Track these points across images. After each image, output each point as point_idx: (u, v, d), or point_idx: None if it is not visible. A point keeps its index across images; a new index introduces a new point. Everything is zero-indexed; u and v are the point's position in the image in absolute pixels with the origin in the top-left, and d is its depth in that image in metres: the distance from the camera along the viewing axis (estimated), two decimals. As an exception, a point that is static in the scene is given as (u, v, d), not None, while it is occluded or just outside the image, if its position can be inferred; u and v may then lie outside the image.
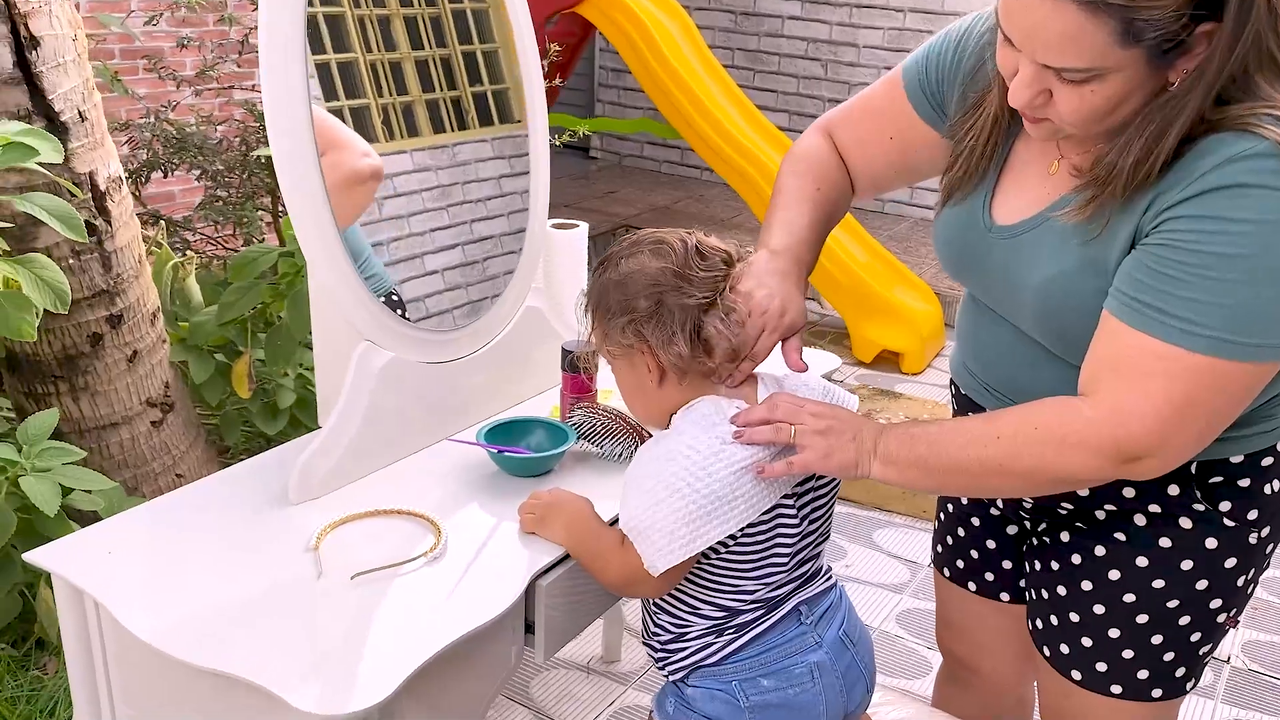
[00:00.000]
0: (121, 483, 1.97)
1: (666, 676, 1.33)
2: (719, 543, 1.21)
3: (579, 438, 1.55)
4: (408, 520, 1.39)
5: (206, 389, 2.28)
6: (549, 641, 1.34)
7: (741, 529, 1.22)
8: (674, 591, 1.29)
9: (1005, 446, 1.15)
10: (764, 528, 1.25)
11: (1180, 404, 1.07)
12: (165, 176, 3.09)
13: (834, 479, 1.35)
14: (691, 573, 1.26)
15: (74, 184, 1.85)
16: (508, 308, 1.70)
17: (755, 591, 1.26)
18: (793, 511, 1.27)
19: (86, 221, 1.91)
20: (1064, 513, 1.33)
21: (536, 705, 2.21)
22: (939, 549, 1.57)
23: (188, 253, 2.81)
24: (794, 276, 1.34)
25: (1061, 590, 1.33)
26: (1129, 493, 1.25)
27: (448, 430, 1.59)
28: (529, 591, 1.31)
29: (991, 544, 1.48)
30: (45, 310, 1.91)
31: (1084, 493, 1.29)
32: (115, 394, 2.04)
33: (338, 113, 1.50)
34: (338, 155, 1.64)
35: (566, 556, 1.32)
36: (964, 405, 1.44)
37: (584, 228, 1.98)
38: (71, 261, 1.91)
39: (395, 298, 1.84)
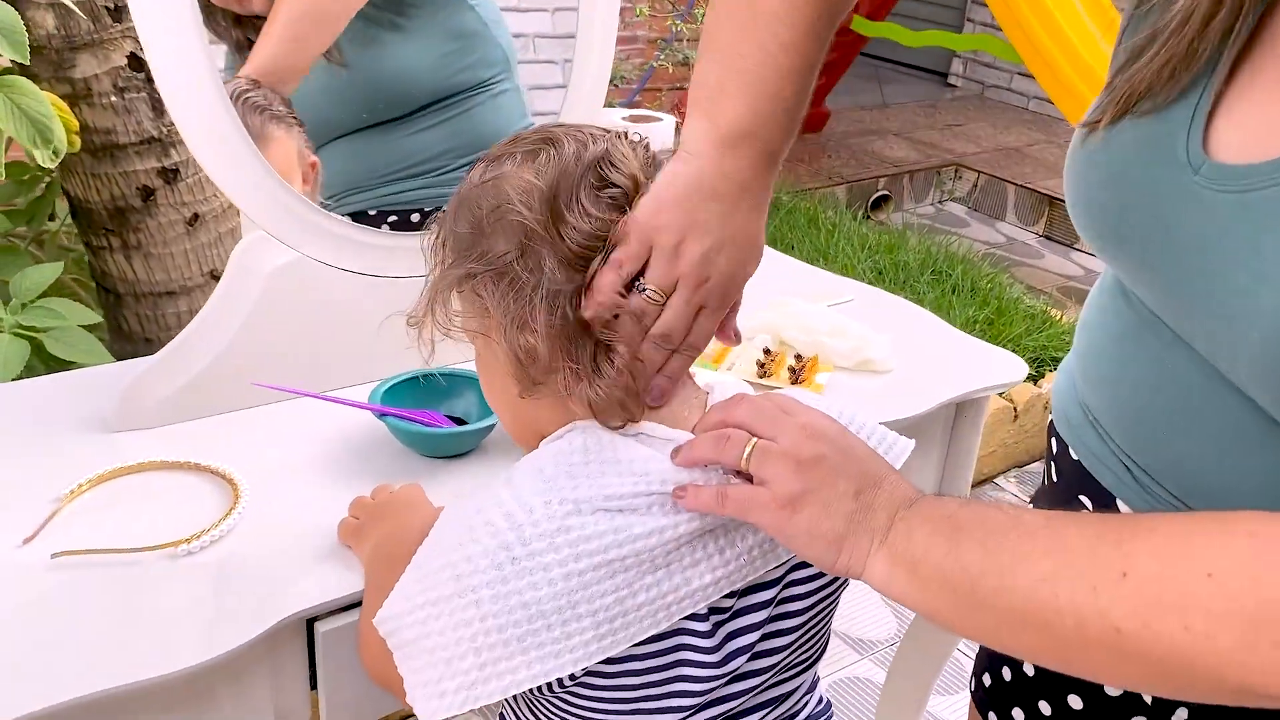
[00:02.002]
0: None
1: None
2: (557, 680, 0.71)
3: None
4: (216, 487, 0.99)
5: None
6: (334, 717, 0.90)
7: (588, 669, 0.70)
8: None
9: (1136, 600, 0.56)
10: (645, 664, 0.72)
11: None
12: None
13: (821, 575, 0.78)
14: (531, 703, 0.77)
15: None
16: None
17: None
18: (706, 642, 0.73)
19: (132, 54, 1.65)
20: None
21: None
22: (985, 681, 0.93)
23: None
24: (755, 191, 0.77)
25: None
26: None
27: (359, 374, 1.15)
28: (311, 638, 0.88)
29: (1078, 701, 0.83)
30: (86, 151, 1.70)
31: None
32: (171, 259, 1.80)
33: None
34: None
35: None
36: (1070, 482, 0.80)
37: (667, 122, 1.43)
38: (114, 99, 1.66)
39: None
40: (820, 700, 0.88)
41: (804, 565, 0.76)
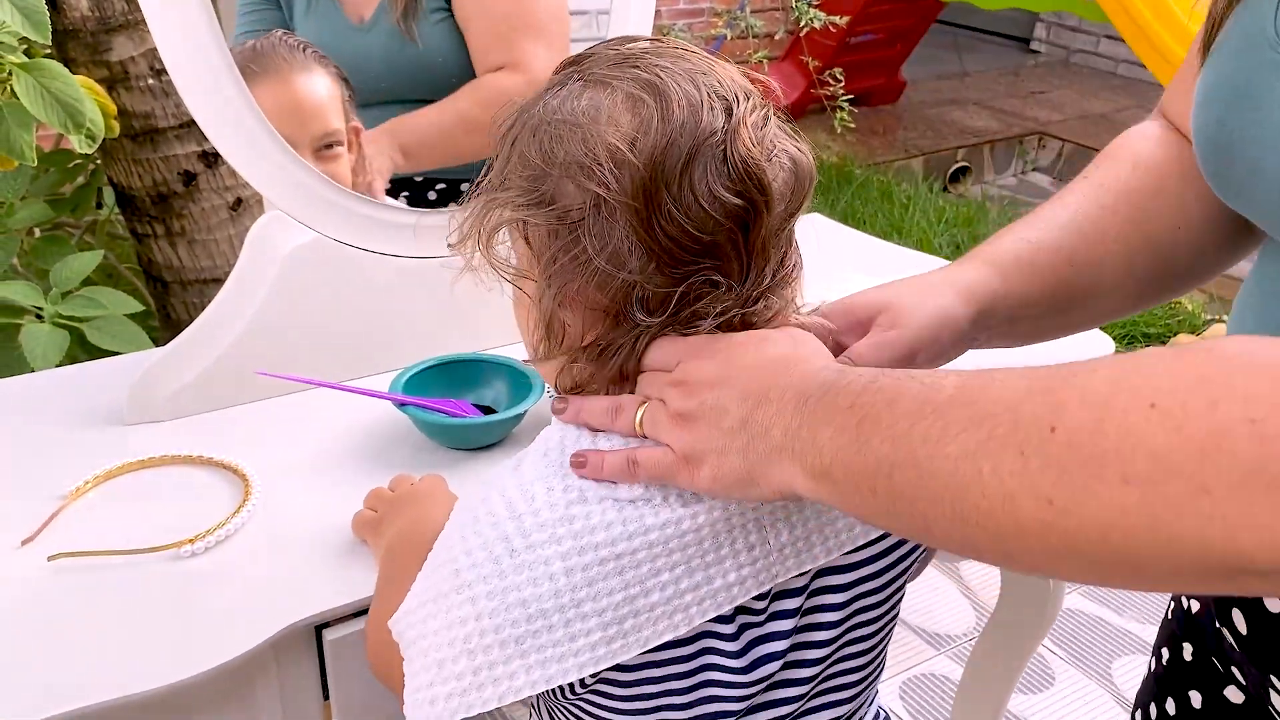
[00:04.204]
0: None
1: None
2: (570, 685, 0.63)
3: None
4: (227, 482, 0.93)
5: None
6: (348, 728, 0.84)
7: (602, 674, 0.62)
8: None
9: (1067, 456, 0.43)
10: (665, 671, 0.64)
11: None
12: None
13: (856, 584, 0.69)
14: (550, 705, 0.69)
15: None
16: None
17: None
18: (731, 645, 0.64)
19: (168, 35, 1.61)
20: None
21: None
22: (1150, 713, 0.82)
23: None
24: (950, 300, 0.73)
25: None
26: None
27: (381, 362, 1.09)
28: (320, 645, 0.81)
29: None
30: (126, 137, 1.67)
31: None
32: (215, 245, 1.76)
33: None
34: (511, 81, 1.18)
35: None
36: None
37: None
38: (151, 82, 1.62)
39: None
40: (879, 716, 0.79)
41: (834, 571, 0.67)
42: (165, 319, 1.84)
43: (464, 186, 1.31)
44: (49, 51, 1.49)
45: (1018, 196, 4.19)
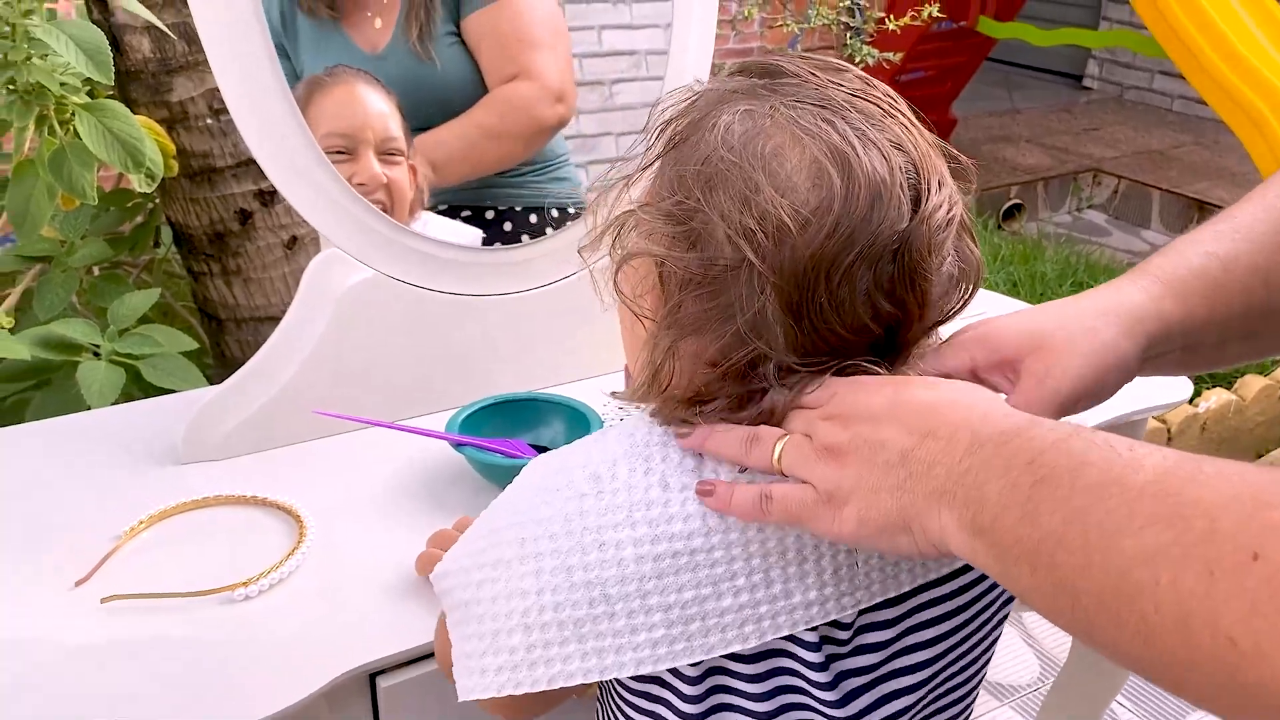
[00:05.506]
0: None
1: None
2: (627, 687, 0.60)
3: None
4: (282, 523, 0.91)
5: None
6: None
7: (662, 677, 0.59)
8: None
9: (1264, 596, 0.37)
10: (740, 687, 0.61)
11: None
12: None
13: (950, 616, 0.65)
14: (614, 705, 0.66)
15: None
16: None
17: None
18: (819, 676, 0.60)
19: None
20: None
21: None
22: None
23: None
24: (1113, 335, 0.64)
25: None
26: None
27: (437, 400, 1.07)
28: (374, 693, 0.79)
29: None
30: (184, 176, 1.68)
31: None
32: (270, 283, 1.77)
33: None
34: (524, 87, 1.22)
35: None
36: None
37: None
38: (209, 121, 1.64)
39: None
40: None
41: (930, 605, 0.63)
42: (220, 356, 1.85)
43: (518, 208, 1.33)
44: (111, 92, 1.51)
45: (1074, 234, 4.12)
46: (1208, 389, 2.54)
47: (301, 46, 1.22)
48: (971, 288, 0.61)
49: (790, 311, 0.54)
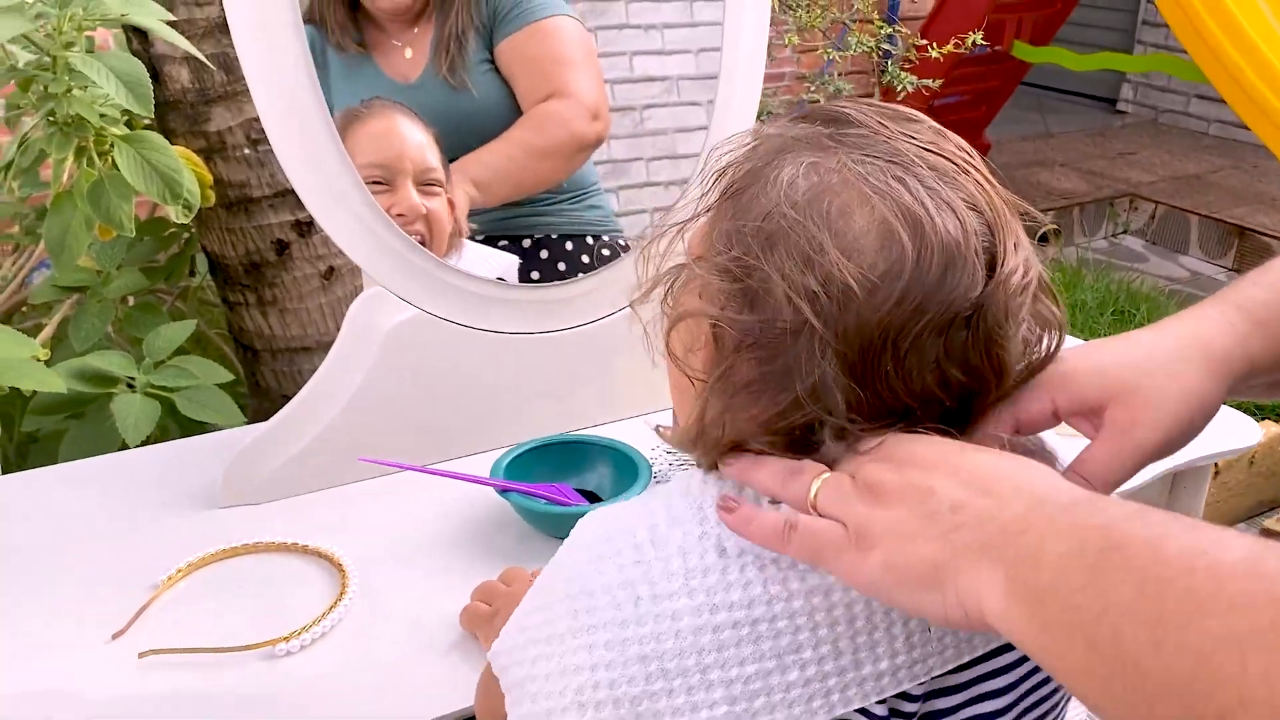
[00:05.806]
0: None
1: None
2: None
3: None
4: (323, 571, 0.89)
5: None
6: None
7: None
8: None
9: None
10: None
11: None
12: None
13: (1015, 685, 0.61)
14: None
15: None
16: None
17: None
18: None
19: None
20: None
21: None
22: None
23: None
24: (1199, 378, 0.59)
25: None
26: None
27: (483, 441, 1.04)
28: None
29: None
30: (221, 206, 1.66)
31: None
32: (307, 314, 1.75)
33: None
34: (561, 104, 1.22)
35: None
36: None
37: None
38: (247, 152, 1.62)
39: (621, 244, 1.36)
40: None
41: (997, 674, 0.60)
42: (254, 387, 1.83)
43: (554, 235, 1.31)
44: (149, 121, 1.50)
45: (1113, 260, 4.06)
46: (1262, 421, 2.47)
47: (333, 80, 1.21)
48: (1055, 346, 0.57)
49: (853, 377, 0.51)
